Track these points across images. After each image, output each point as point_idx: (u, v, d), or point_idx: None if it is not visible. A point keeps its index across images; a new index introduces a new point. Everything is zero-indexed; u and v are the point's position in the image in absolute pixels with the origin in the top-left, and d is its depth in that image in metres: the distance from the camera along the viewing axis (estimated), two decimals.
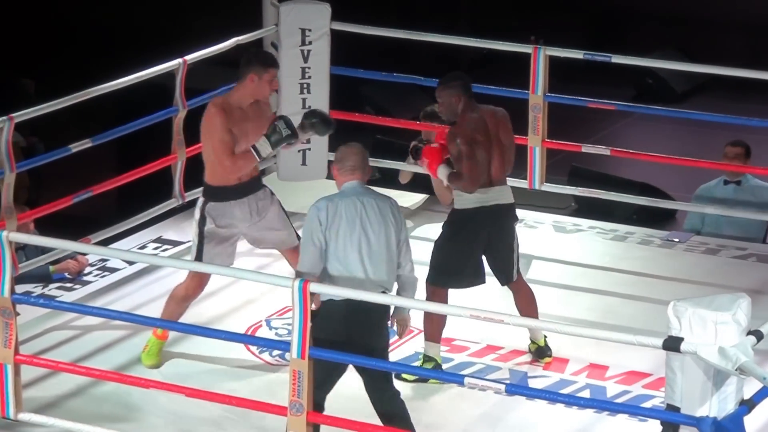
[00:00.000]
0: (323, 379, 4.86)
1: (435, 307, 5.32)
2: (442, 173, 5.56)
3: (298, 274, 4.94)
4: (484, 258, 5.60)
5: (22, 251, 6.28)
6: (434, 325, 5.56)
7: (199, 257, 5.61)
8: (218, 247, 5.62)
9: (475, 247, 5.54)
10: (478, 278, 5.59)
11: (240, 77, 5.65)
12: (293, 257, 5.65)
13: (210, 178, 5.57)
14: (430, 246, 5.69)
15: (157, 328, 5.58)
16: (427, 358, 5.58)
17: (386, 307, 4.92)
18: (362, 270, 4.89)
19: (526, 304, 5.65)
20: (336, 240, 4.89)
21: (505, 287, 5.71)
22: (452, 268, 5.54)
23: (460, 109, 5.57)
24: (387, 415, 4.93)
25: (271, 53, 5.77)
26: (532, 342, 5.67)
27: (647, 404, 5.33)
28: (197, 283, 5.64)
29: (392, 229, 4.93)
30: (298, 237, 5.66)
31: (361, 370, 4.94)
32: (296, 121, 5.63)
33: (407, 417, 4.95)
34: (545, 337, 5.65)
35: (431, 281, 5.58)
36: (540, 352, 5.65)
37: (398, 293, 5.05)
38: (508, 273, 5.62)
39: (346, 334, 4.85)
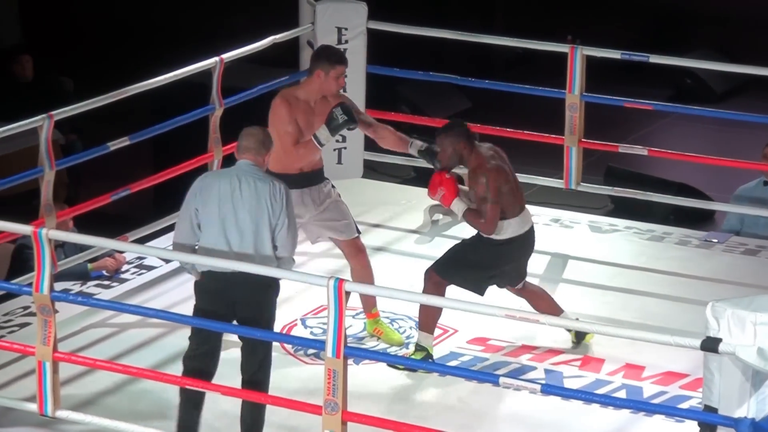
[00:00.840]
0: (198, 345, 5.03)
1: (464, 305, 5.25)
2: (458, 208, 5.49)
3: (174, 245, 5.13)
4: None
5: (61, 249, 6.33)
6: (429, 317, 5.56)
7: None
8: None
9: (495, 269, 5.55)
10: (481, 291, 5.59)
11: (309, 72, 5.72)
12: (351, 251, 5.74)
13: (273, 165, 5.62)
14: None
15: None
16: (419, 348, 5.58)
17: (267, 281, 4.98)
18: (226, 243, 5.03)
19: (543, 302, 5.63)
20: (204, 212, 5.05)
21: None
22: (464, 273, 5.53)
23: (463, 154, 5.50)
24: (251, 382, 5.06)
25: (340, 50, 5.82)
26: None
27: (684, 405, 5.30)
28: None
29: (266, 210, 5.01)
30: (358, 231, 5.74)
31: (239, 338, 5.12)
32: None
33: (266, 387, 5.06)
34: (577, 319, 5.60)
35: (436, 269, 5.56)
36: (578, 334, 5.62)
37: None
38: (514, 282, 5.65)
39: (218, 303, 5.01)
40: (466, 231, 5.86)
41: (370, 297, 5.86)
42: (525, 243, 5.58)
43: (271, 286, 5.07)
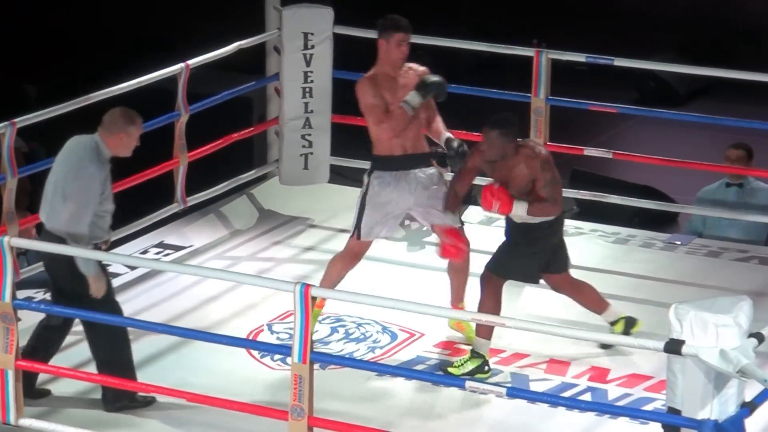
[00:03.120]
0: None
1: (430, 309, 5.24)
2: (521, 209, 5.49)
3: None
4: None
5: (24, 256, 6.29)
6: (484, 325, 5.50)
7: (358, 224, 5.71)
8: (378, 214, 5.67)
9: (546, 251, 5.60)
10: (535, 277, 5.65)
11: (378, 45, 5.76)
12: (448, 237, 5.67)
13: (376, 149, 5.68)
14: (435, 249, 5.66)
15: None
16: (475, 354, 5.53)
17: (61, 256, 5.10)
18: (42, 210, 5.24)
19: (592, 296, 5.68)
20: None
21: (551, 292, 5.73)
22: (517, 264, 5.56)
23: (509, 151, 5.50)
24: (101, 363, 5.20)
25: (398, 17, 5.76)
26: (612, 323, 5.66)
27: (648, 407, 5.32)
28: (355, 254, 5.70)
29: (54, 174, 5.17)
30: (462, 222, 5.76)
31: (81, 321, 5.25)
32: (297, 127, 5.61)
33: (122, 364, 5.17)
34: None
35: (491, 269, 5.57)
36: (629, 323, 5.67)
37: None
38: (565, 263, 5.67)
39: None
40: (436, 236, 5.87)
41: (460, 288, 5.75)
42: (562, 217, 5.66)
43: (64, 259, 5.12)
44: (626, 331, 5.69)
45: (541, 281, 5.74)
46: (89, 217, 5.13)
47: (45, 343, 5.28)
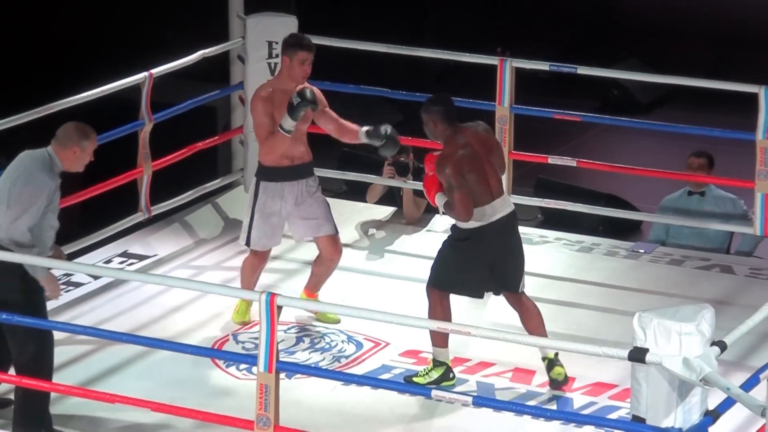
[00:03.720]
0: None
1: (395, 318, 5.22)
2: (439, 202, 5.48)
3: None
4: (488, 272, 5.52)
5: None
6: (436, 332, 5.49)
7: (249, 233, 5.88)
8: (266, 224, 5.84)
9: (479, 263, 5.49)
10: (478, 292, 5.57)
11: (281, 60, 5.89)
12: (326, 246, 5.88)
13: (263, 158, 5.81)
14: (398, 258, 5.67)
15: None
16: (437, 363, 5.52)
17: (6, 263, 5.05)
18: None
19: (535, 322, 5.55)
20: None
21: (505, 305, 5.64)
22: (455, 277, 5.50)
23: (440, 133, 5.51)
24: (20, 367, 5.14)
25: (305, 36, 5.92)
26: (544, 358, 5.55)
27: (613, 415, 5.35)
28: (259, 258, 5.89)
29: (1, 183, 5.14)
30: (336, 230, 5.90)
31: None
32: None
33: (39, 370, 5.11)
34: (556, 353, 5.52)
35: (432, 283, 5.54)
36: (551, 364, 5.52)
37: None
38: (513, 283, 5.55)
39: None
40: (401, 245, 5.88)
41: (321, 281, 5.97)
42: (500, 231, 5.48)
43: (8, 270, 5.06)
44: (550, 368, 5.50)
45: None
46: (32, 223, 5.07)
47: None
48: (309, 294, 6.02)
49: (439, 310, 5.52)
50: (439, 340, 5.54)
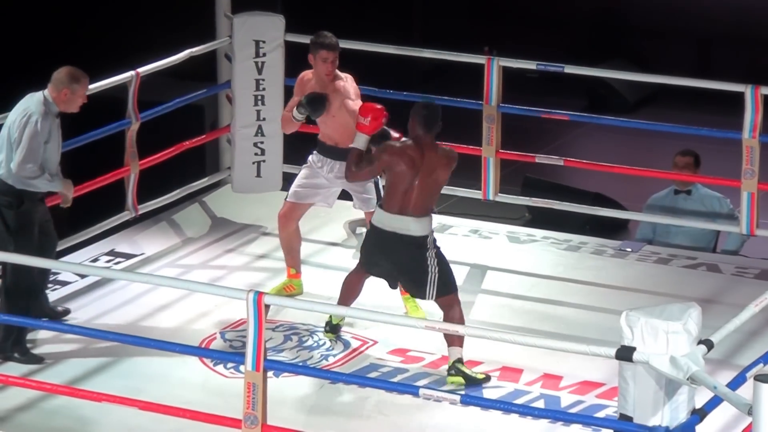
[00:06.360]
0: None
1: (384, 317, 5.22)
2: (360, 142, 5.69)
3: None
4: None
5: None
6: (343, 298, 5.78)
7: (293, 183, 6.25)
8: (311, 180, 6.18)
9: (369, 255, 5.71)
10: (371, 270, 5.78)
11: None
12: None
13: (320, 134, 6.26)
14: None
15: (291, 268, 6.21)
16: (330, 327, 5.83)
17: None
18: None
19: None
20: None
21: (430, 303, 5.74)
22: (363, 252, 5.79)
23: (411, 132, 5.61)
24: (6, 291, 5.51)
25: (327, 35, 6.16)
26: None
27: (601, 414, 5.36)
28: (288, 207, 6.20)
29: (5, 126, 5.63)
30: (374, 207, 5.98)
31: None
32: (249, 135, 5.80)
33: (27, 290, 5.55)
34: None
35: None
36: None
37: None
38: (419, 293, 5.68)
39: None
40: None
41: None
42: (379, 241, 5.62)
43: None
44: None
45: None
46: (34, 160, 5.55)
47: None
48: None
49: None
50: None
